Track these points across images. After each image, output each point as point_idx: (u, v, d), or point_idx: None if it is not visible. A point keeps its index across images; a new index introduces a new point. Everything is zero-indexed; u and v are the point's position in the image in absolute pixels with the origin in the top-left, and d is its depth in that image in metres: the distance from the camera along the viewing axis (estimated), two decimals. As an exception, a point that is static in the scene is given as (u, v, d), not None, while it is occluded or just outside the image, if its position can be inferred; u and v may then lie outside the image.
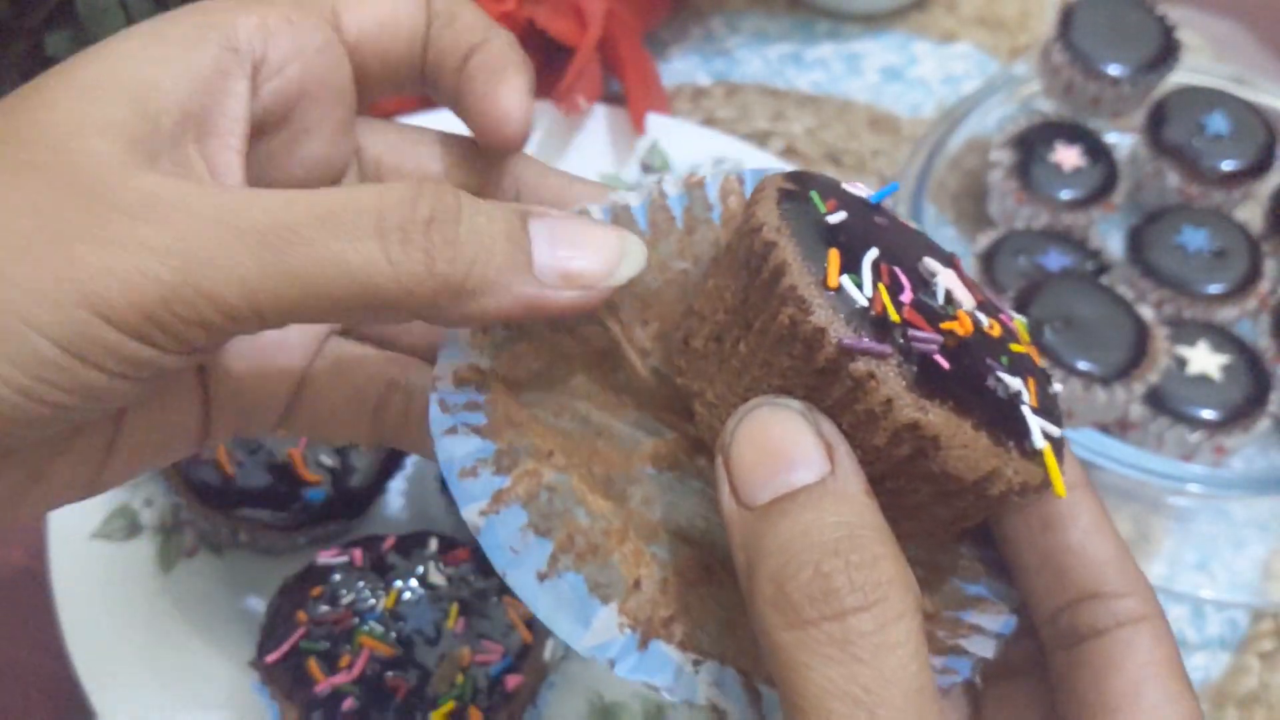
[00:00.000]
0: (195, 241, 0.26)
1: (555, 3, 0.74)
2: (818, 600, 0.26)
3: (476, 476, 0.30)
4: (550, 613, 0.29)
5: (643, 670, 0.29)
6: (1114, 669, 0.31)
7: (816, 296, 0.28)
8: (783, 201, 0.31)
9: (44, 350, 0.26)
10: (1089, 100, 0.74)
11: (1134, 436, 0.65)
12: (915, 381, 0.28)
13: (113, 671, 0.54)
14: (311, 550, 0.58)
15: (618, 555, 0.30)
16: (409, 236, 0.28)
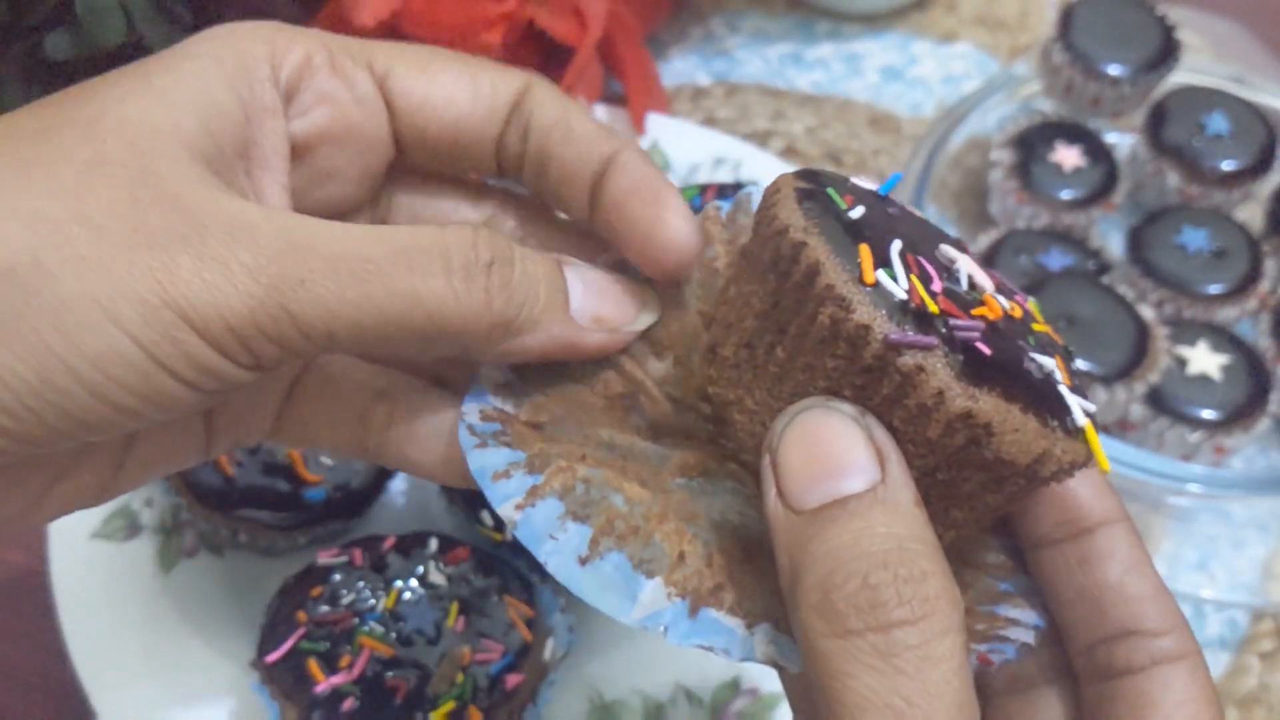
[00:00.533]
0: (286, 264, 0.28)
1: (555, 3, 0.74)
2: (864, 611, 0.26)
3: (510, 478, 0.31)
4: (595, 593, 0.30)
5: (697, 635, 0.29)
6: (1150, 707, 0.31)
7: (856, 294, 0.28)
8: (803, 201, 0.31)
9: (124, 349, 0.26)
10: (1089, 100, 0.75)
11: (1134, 436, 0.65)
12: (962, 371, 0.28)
13: (113, 671, 0.54)
14: (311, 550, 0.58)
15: (659, 534, 0.31)
16: (472, 276, 0.30)
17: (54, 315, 0.26)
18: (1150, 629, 0.32)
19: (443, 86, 0.34)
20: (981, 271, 0.32)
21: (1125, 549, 0.33)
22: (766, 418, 0.30)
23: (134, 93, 0.29)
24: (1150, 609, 0.32)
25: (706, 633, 0.30)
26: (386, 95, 0.34)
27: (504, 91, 0.35)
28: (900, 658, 0.26)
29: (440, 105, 0.34)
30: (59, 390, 0.26)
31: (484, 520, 0.57)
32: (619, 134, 0.36)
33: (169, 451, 0.35)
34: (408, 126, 0.34)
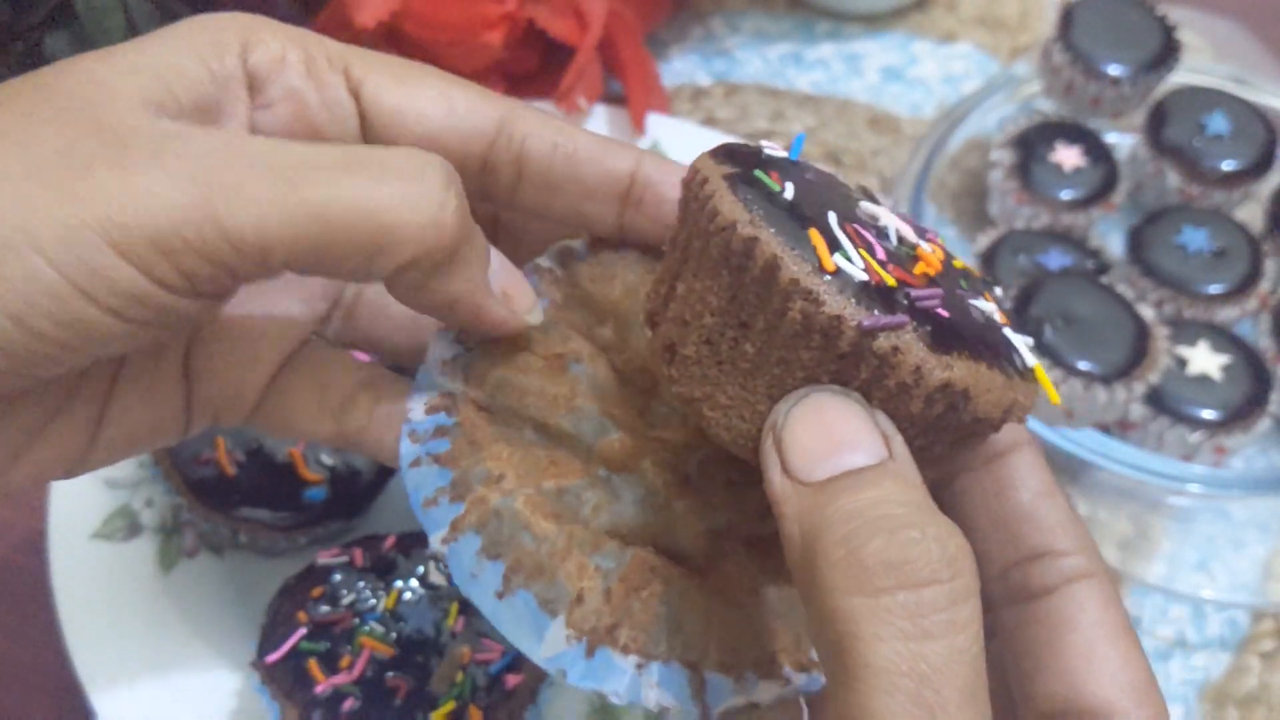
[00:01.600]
0: (214, 172, 0.27)
1: (555, 3, 0.74)
2: (894, 567, 0.26)
3: (437, 505, 0.32)
4: (511, 629, 0.31)
5: (591, 678, 0.31)
6: (1068, 627, 0.32)
7: (821, 285, 0.28)
8: (738, 189, 0.30)
9: (45, 275, 0.26)
10: (1089, 100, 0.75)
11: (1134, 436, 0.65)
12: (933, 341, 0.29)
13: (113, 672, 0.54)
14: (312, 550, 0.58)
15: (562, 572, 0.32)
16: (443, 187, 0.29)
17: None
18: (1061, 549, 0.33)
19: (416, 101, 0.33)
20: (898, 219, 0.32)
21: (1035, 474, 0.34)
22: (745, 412, 0.30)
23: (98, 62, 0.29)
24: (1060, 531, 0.33)
25: (599, 676, 0.31)
26: (360, 103, 0.33)
27: (483, 116, 0.34)
28: (929, 619, 0.25)
29: (411, 119, 0.33)
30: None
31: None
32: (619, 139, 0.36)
33: (146, 425, 0.34)
34: (378, 138, 0.34)
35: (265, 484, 0.56)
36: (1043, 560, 0.33)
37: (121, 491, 0.60)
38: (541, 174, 0.35)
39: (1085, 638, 0.32)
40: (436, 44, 0.73)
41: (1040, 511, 0.33)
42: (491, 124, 0.34)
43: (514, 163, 0.35)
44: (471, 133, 0.34)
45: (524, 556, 0.32)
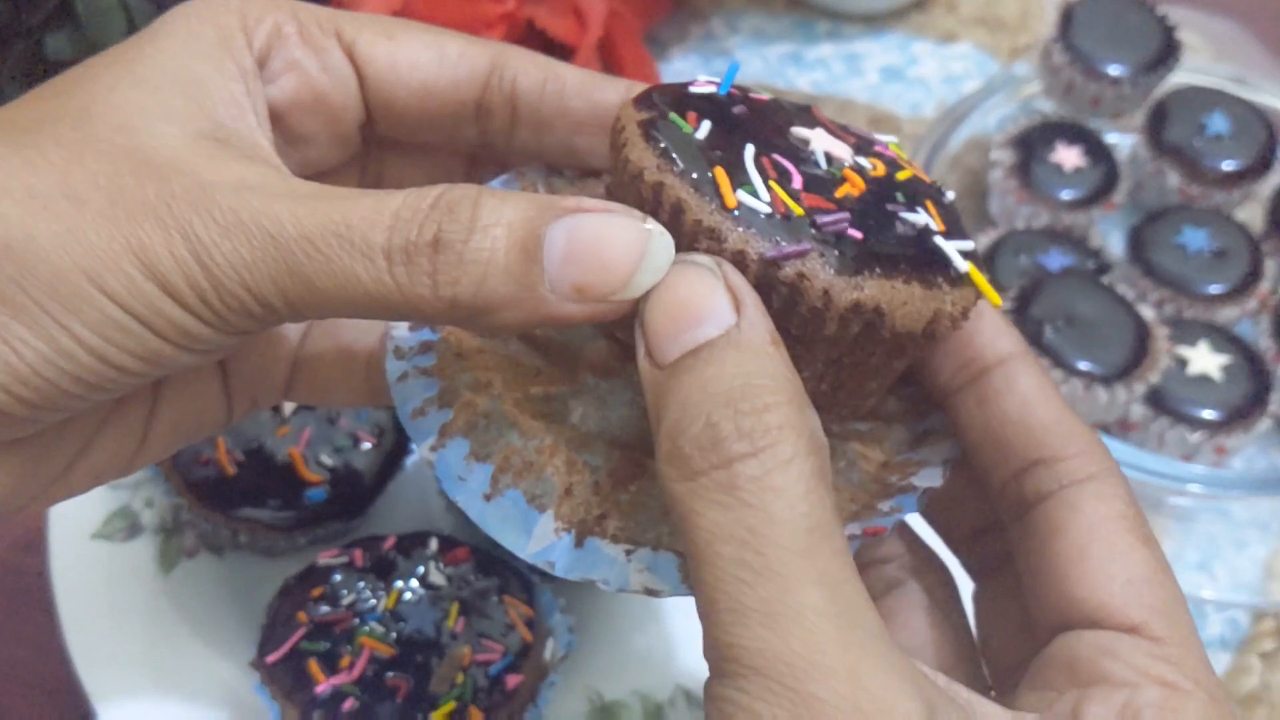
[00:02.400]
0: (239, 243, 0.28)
1: (555, 3, 0.74)
2: (706, 450, 0.26)
3: (425, 415, 0.33)
4: (498, 529, 0.31)
5: (579, 568, 0.31)
6: (1058, 532, 0.31)
7: (723, 222, 0.29)
8: (649, 135, 0.31)
9: (115, 315, 0.28)
10: (1089, 100, 0.74)
11: (1134, 437, 0.65)
12: (841, 263, 0.29)
13: (113, 672, 0.54)
14: (312, 551, 0.58)
15: (550, 468, 0.32)
16: (413, 259, 0.28)
17: (51, 288, 0.28)
18: (1053, 455, 0.31)
19: (407, 52, 0.34)
20: (837, 140, 0.33)
21: (1025, 382, 0.33)
22: None
23: (121, 81, 0.30)
24: (1053, 435, 0.32)
25: (588, 565, 0.31)
26: (355, 62, 0.34)
27: (474, 59, 0.35)
28: (743, 490, 0.25)
29: (405, 70, 0.34)
30: (67, 355, 0.28)
31: (484, 520, 0.56)
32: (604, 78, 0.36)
33: (192, 419, 0.36)
34: (376, 93, 0.34)
35: (265, 484, 0.56)
36: (1036, 469, 0.32)
37: (121, 491, 0.60)
38: (533, 111, 0.35)
39: (1076, 541, 0.30)
40: (436, 44, 0.73)
41: (1031, 419, 0.32)
42: (483, 67, 0.35)
43: (507, 104, 0.35)
44: (465, 77, 0.35)
45: (512, 455, 0.32)
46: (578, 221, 0.28)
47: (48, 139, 0.29)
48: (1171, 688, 0.28)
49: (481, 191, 0.29)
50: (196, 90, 0.31)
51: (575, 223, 0.28)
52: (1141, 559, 0.30)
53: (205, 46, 0.32)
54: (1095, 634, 0.29)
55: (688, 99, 0.32)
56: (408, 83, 0.34)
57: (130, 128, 0.29)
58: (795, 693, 0.24)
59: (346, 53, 0.34)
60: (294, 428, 0.57)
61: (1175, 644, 0.28)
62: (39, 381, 0.28)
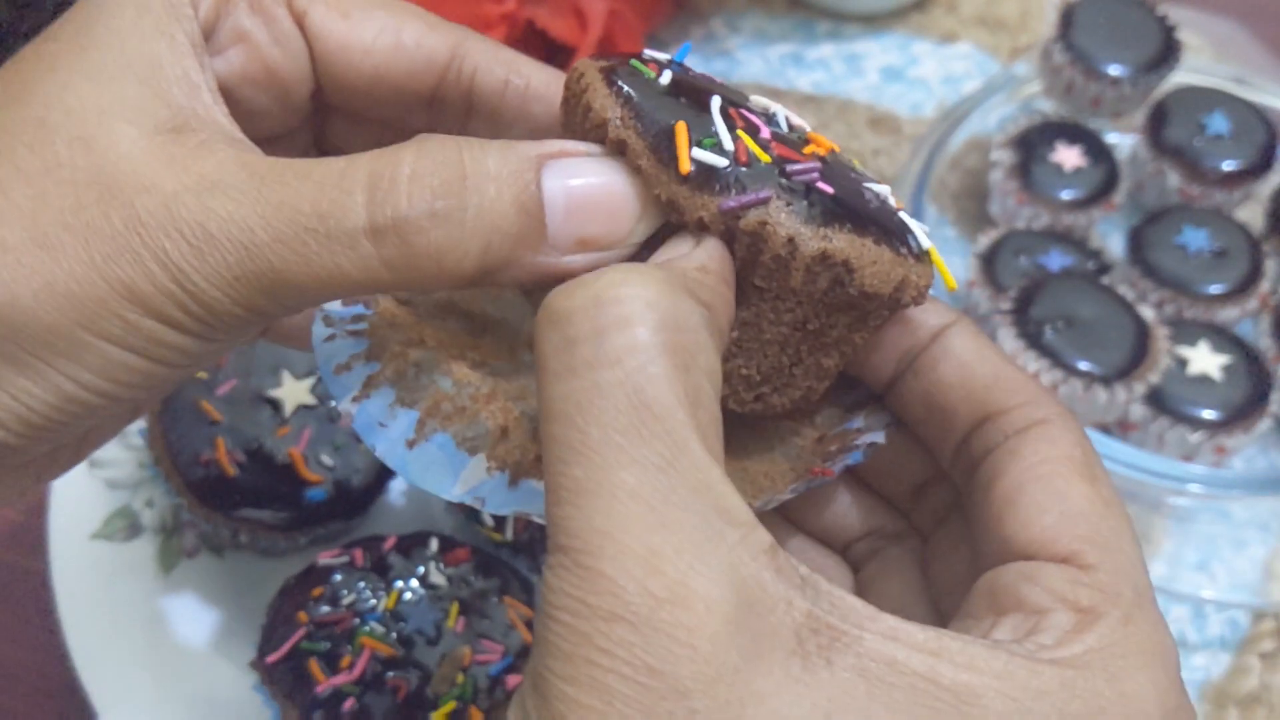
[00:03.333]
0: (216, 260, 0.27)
1: (556, 3, 0.74)
2: (552, 313, 0.25)
3: (350, 370, 0.31)
4: (420, 474, 0.30)
5: (514, 503, 0.30)
6: (998, 477, 0.30)
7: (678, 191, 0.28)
8: (610, 82, 0.30)
9: (120, 357, 0.28)
10: (1089, 100, 0.74)
11: (1135, 437, 0.65)
12: (809, 214, 0.28)
13: (113, 672, 0.54)
14: (312, 551, 0.58)
15: (485, 413, 0.31)
16: (407, 237, 0.27)
17: (47, 343, 0.27)
18: (997, 410, 0.31)
19: (361, 34, 0.33)
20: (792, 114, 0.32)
21: (960, 344, 0.32)
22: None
23: (75, 75, 0.29)
24: (995, 392, 0.31)
25: (523, 501, 0.30)
26: (305, 36, 0.33)
27: (432, 48, 0.33)
28: (573, 356, 0.24)
29: (357, 55, 0.33)
30: (76, 401, 0.28)
31: (484, 521, 0.57)
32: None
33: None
34: (325, 70, 0.33)
35: (265, 484, 0.56)
36: (982, 426, 0.31)
37: (121, 492, 0.60)
38: (491, 110, 0.34)
39: (1014, 482, 0.29)
40: (437, 44, 0.73)
41: (971, 380, 0.31)
42: (441, 56, 0.33)
43: (464, 97, 0.34)
44: (420, 65, 0.33)
45: (442, 400, 0.31)
46: (574, 171, 0.28)
47: (10, 171, 0.28)
48: (1086, 611, 0.27)
49: (460, 143, 0.28)
50: (150, 73, 0.29)
51: (569, 173, 0.28)
52: (1081, 494, 0.29)
53: (154, 20, 0.30)
54: (1020, 564, 0.28)
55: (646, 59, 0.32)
56: (359, 67, 0.33)
57: (88, 139, 0.28)
58: (586, 570, 0.23)
59: (298, 23, 0.32)
60: (294, 428, 0.57)
61: (1106, 570, 0.27)
62: (51, 425, 0.28)
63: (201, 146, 0.29)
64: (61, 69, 0.29)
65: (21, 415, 0.28)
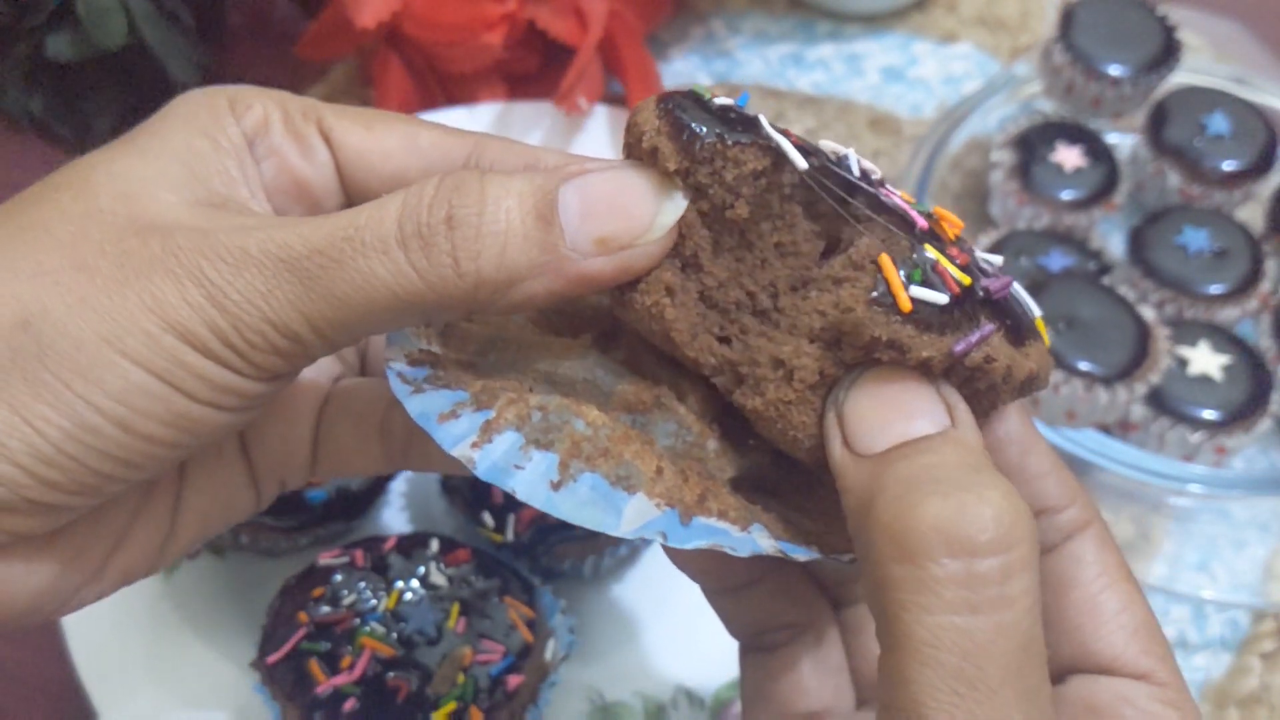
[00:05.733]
0: (253, 276, 0.28)
1: (556, 3, 0.74)
2: (944, 533, 0.25)
3: (458, 418, 0.30)
4: (574, 511, 0.29)
5: (698, 537, 0.29)
6: (1071, 584, 0.31)
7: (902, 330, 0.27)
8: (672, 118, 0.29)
9: (137, 378, 0.28)
10: (1090, 100, 0.74)
11: (1135, 437, 0.65)
12: (1009, 335, 0.28)
13: (114, 672, 0.54)
14: (312, 551, 0.58)
15: (628, 453, 0.30)
16: (430, 240, 0.28)
17: (70, 359, 0.27)
18: (1054, 505, 0.32)
19: (380, 142, 0.34)
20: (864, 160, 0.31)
21: (1017, 429, 0.33)
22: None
23: (121, 154, 0.31)
24: (1051, 485, 0.32)
25: (706, 535, 0.29)
26: (333, 150, 0.34)
27: (448, 149, 0.35)
28: (977, 592, 0.25)
29: (377, 159, 0.34)
30: (91, 430, 0.28)
31: (485, 521, 0.56)
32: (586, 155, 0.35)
33: (219, 507, 0.36)
34: (352, 180, 0.35)
35: (266, 485, 0.56)
36: (1039, 518, 0.32)
37: (122, 492, 0.60)
38: None
39: (1088, 593, 0.31)
40: (436, 44, 0.73)
41: (1029, 465, 0.32)
42: (458, 155, 0.35)
43: None
44: (438, 165, 0.34)
45: (581, 442, 0.30)
46: (587, 179, 0.29)
47: (51, 212, 0.29)
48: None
49: (485, 171, 0.29)
50: (193, 160, 0.31)
51: (587, 180, 0.29)
52: (1141, 606, 0.31)
53: (200, 124, 0.32)
54: (1112, 681, 0.30)
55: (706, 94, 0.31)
56: (380, 172, 0.34)
57: (130, 195, 0.29)
58: None
59: (325, 140, 0.34)
60: (295, 428, 0.57)
61: (1176, 688, 0.30)
62: (64, 460, 0.28)
63: (239, 213, 0.31)
64: (110, 151, 0.31)
65: (36, 447, 0.27)
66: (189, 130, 0.32)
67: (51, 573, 0.31)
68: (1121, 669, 0.30)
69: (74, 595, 0.32)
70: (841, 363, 0.29)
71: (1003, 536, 0.25)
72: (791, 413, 0.29)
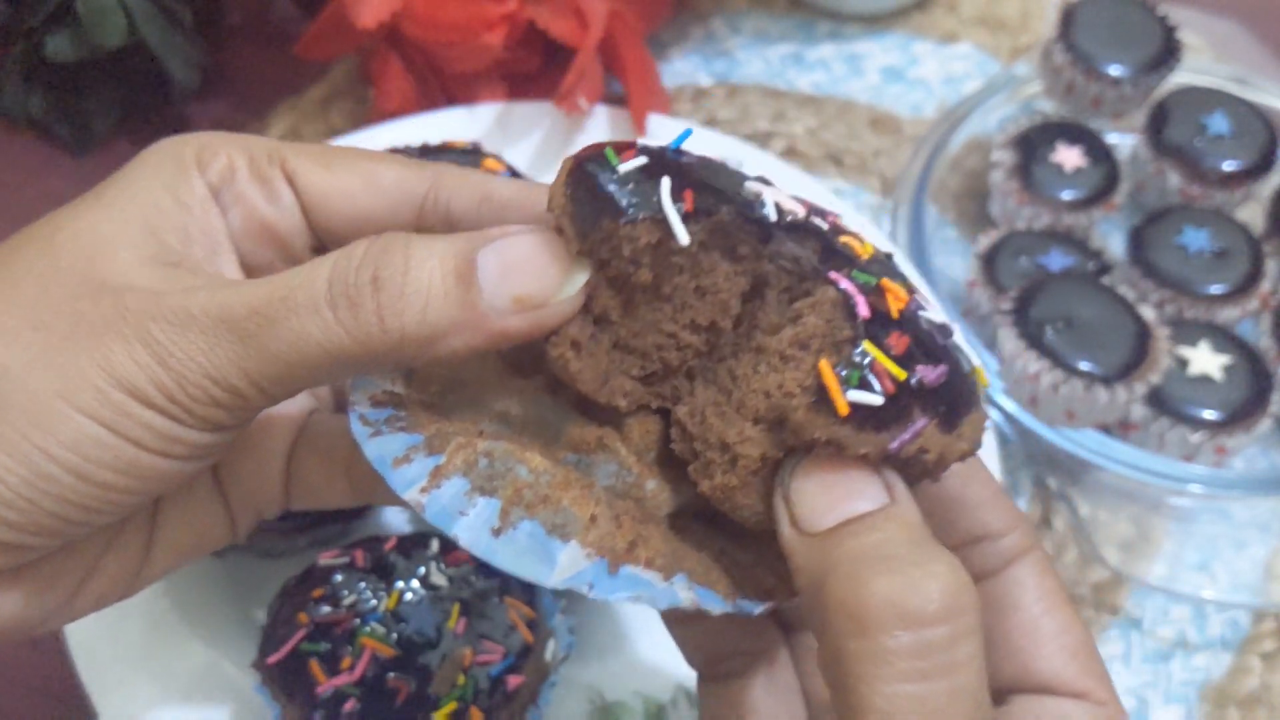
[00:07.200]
0: (195, 336, 0.30)
1: (556, 3, 0.74)
2: (895, 607, 0.26)
3: (410, 462, 0.32)
4: (512, 560, 0.30)
5: (621, 588, 0.30)
6: (1013, 608, 0.33)
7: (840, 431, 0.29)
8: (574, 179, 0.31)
9: (90, 430, 0.30)
10: (1090, 100, 0.74)
11: (1135, 437, 0.65)
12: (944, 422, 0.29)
13: (114, 673, 0.54)
14: (313, 552, 0.58)
15: (567, 499, 0.31)
16: (357, 301, 0.30)
17: (27, 412, 0.29)
18: (995, 531, 0.34)
19: (341, 182, 0.36)
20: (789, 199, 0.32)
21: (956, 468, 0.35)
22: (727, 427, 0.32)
23: (85, 211, 0.33)
24: (992, 512, 0.34)
25: (629, 586, 0.30)
26: (297, 193, 0.36)
27: (408, 185, 0.36)
28: (929, 660, 0.26)
29: (338, 200, 0.36)
30: (47, 478, 0.30)
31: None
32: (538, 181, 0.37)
33: (191, 538, 0.38)
34: (317, 221, 0.36)
35: (266, 485, 0.56)
36: (981, 544, 0.34)
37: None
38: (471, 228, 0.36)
39: (1029, 615, 0.33)
40: (437, 44, 0.73)
41: (970, 495, 0.34)
42: (417, 193, 0.36)
43: (444, 224, 0.36)
44: (399, 202, 0.36)
45: (523, 488, 0.31)
46: (506, 242, 0.31)
47: (18, 269, 0.32)
48: None
49: (410, 235, 0.31)
50: (154, 217, 0.33)
51: (506, 243, 0.31)
52: (1079, 628, 0.33)
53: (165, 179, 0.34)
54: (1053, 701, 0.32)
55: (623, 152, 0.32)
56: (343, 211, 0.36)
57: (90, 255, 0.31)
58: None
59: (290, 183, 0.36)
60: (295, 428, 0.57)
61: (1114, 706, 0.32)
62: (23, 504, 0.30)
63: (190, 276, 0.32)
64: (78, 206, 0.33)
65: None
66: (152, 185, 0.34)
67: (20, 602, 0.33)
68: (1061, 688, 0.32)
69: (43, 622, 0.34)
70: (784, 444, 0.30)
71: (949, 606, 0.26)
72: (736, 496, 0.31)
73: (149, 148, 0.35)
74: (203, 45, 0.79)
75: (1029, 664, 0.32)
